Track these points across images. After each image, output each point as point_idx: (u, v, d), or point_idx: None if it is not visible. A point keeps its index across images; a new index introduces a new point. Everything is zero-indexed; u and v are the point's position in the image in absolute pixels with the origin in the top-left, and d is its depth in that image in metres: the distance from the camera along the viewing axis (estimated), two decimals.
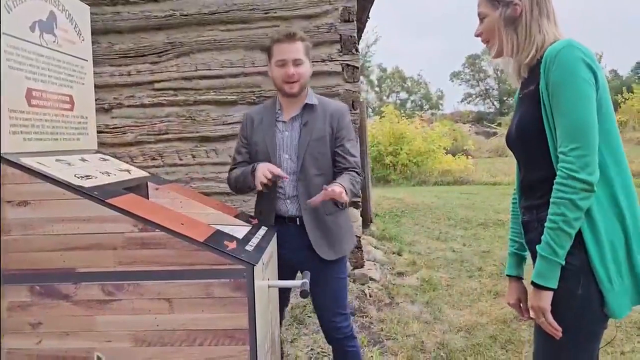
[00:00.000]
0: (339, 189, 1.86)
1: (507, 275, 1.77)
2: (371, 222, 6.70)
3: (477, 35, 1.60)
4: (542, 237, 1.38)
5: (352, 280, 4.35)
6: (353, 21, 4.36)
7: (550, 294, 1.38)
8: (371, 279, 4.47)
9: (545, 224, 1.37)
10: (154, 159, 4.39)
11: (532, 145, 1.45)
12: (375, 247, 5.54)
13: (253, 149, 2.20)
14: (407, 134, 14.14)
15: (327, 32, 4.34)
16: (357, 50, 4.39)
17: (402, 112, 17.91)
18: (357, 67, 4.38)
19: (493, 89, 50.86)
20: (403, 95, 50.93)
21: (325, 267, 2.16)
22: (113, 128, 4.39)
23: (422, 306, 3.98)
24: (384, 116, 15.11)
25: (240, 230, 1.87)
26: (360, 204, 4.55)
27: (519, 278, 1.75)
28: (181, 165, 4.42)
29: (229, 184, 2.28)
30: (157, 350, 1.54)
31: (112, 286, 1.53)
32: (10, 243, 1.52)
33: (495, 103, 49.96)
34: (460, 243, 6.15)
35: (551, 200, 1.36)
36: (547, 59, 1.38)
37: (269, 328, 1.81)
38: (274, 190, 2.14)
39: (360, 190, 2.27)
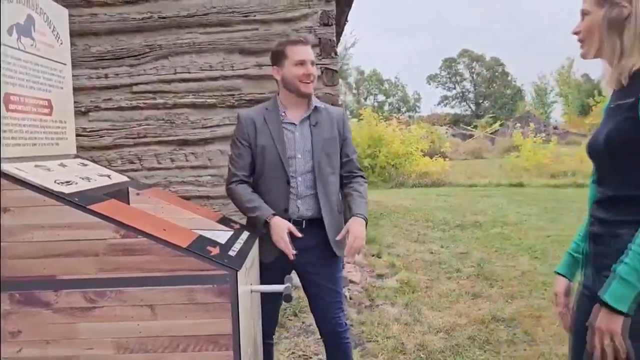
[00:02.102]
0: (359, 243, 2.11)
1: (555, 272, 1.75)
2: None
3: (574, 33, 1.48)
4: (627, 259, 1.27)
5: None
6: (332, 25, 4.39)
7: (622, 319, 1.26)
8: (351, 281, 4.49)
9: (634, 248, 1.27)
10: (132, 162, 4.35)
11: (622, 160, 1.36)
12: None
13: (258, 153, 2.20)
14: (385, 137, 14.24)
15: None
16: (336, 54, 4.42)
17: (380, 114, 18.03)
18: (336, 71, 4.41)
19: (469, 92, 51.58)
20: (381, 97, 51.30)
21: (329, 265, 2.28)
22: (90, 131, 4.33)
23: (401, 308, 4.02)
24: (362, 119, 15.21)
25: (222, 235, 1.87)
26: None
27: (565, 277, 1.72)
28: (160, 169, 4.39)
29: (230, 197, 2.24)
30: (140, 357, 1.53)
31: (93, 293, 1.52)
32: None
33: (472, 106, 50.67)
34: (439, 245, 6.22)
35: None
36: None
37: (251, 333, 1.81)
38: (287, 190, 2.19)
39: None
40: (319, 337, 3.45)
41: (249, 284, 1.80)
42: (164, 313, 1.52)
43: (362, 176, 2.38)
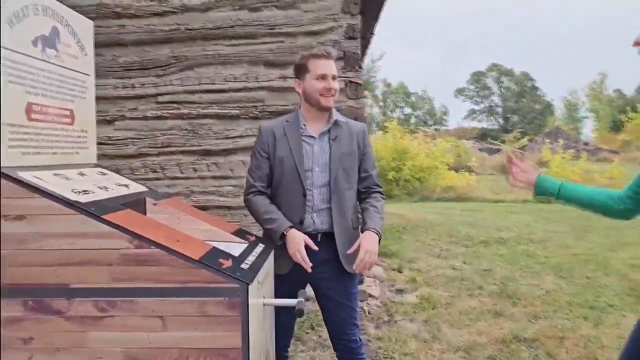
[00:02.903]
0: (370, 257, 2.07)
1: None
2: None
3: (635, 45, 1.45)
4: None
5: None
6: (357, 38, 4.39)
7: None
8: (370, 295, 4.44)
9: None
10: (155, 171, 4.40)
11: None
12: (375, 264, 5.51)
13: (277, 164, 2.21)
14: (410, 150, 14.15)
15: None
16: (360, 67, 4.41)
17: (406, 127, 17.94)
18: (360, 84, 4.40)
19: (497, 106, 50.97)
20: (407, 110, 51.09)
21: (344, 280, 2.25)
22: (115, 140, 4.40)
23: (420, 324, 3.95)
24: (387, 131, 15.15)
25: (236, 247, 1.86)
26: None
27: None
28: (182, 178, 4.43)
29: (248, 208, 2.25)
30: None
31: (105, 302, 1.53)
32: (5, 257, 1.52)
33: (500, 120, 50.03)
34: (461, 261, 6.12)
35: None
36: None
37: (263, 346, 1.80)
38: (303, 203, 2.18)
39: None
40: None
41: (262, 297, 1.78)
42: (174, 324, 1.52)
43: (380, 192, 2.35)
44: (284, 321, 2.22)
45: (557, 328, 3.87)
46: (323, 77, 2.17)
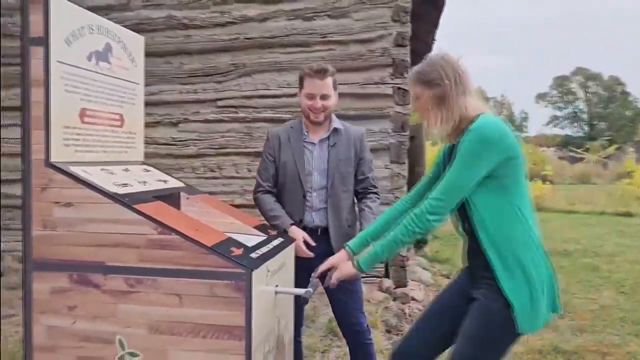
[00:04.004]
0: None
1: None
2: (426, 243, 6.71)
3: (415, 111, 1.89)
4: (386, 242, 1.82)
5: (392, 299, 4.43)
6: (406, 46, 4.51)
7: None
8: (413, 299, 4.52)
9: (391, 237, 1.80)
10: (212, 170, 4.75)
11: None
12: (424, 269, 5.56)
13: (281, 167, 2.44)
14: None
15: (381, 56, 4.51)
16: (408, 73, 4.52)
17: None
18: (408, 90, 4.51)
19: (582, 112, 48.23)
20: None
21: None
22: (179, 141, 4.79)
23: None
24: None
25: (253, 239, 2.07)
26: None
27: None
28: (238, 178, 4.74)
29: (256, 205, 2.50)
30: (167, 338, 1.77)
31: (134, 280, 1.79)
32: (55, 237, 1.83)
33: (585, 127, 47.31)
34: None
35: (403, 223, 1.77)
36: (465, 133, 1.69)
37: (273, 329, 1.99)
38: (303, 203, 2.41)
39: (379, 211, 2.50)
40: None
41: (275, 285, 1.98)
42: (189, 302, 1.75)
43: (375, 193, 2.53)
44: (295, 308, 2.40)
45: (602, 343, 3.77)
46: (311, 96, 2.34)
